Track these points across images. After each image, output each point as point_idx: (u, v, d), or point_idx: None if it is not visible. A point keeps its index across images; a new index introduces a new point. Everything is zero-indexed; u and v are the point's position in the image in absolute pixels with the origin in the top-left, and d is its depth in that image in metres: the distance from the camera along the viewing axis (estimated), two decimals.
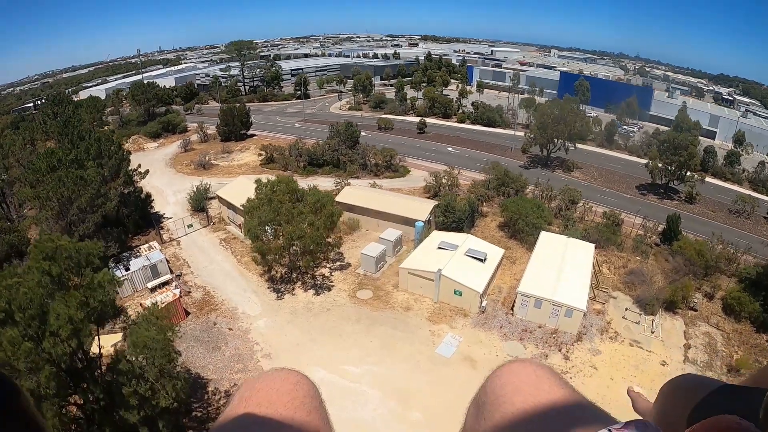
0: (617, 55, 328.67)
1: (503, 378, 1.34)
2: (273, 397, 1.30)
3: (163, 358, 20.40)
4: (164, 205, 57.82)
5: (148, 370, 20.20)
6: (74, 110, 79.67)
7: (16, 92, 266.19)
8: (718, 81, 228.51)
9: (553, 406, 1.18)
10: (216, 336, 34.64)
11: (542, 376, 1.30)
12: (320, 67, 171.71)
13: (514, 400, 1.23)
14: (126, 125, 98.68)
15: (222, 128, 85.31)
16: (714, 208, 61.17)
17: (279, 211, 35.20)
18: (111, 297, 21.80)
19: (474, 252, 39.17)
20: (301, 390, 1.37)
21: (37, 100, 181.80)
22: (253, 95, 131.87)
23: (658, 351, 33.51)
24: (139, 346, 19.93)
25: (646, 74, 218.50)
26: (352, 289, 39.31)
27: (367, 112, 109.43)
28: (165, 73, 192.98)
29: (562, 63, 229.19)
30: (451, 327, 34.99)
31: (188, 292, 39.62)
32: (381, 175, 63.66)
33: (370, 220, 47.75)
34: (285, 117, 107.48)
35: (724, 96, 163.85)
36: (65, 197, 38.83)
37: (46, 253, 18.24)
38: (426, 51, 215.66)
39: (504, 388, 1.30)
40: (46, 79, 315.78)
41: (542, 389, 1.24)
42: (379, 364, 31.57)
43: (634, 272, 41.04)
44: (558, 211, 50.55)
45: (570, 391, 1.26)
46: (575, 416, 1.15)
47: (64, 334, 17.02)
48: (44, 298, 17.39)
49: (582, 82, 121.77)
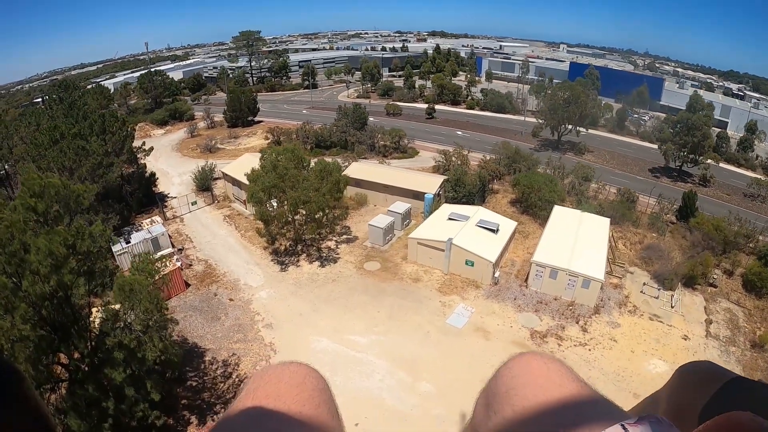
0: (626, 52, 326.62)
1: (514, 371, 1.30)
2: (281, 390, 1.28)
3: (150, 304, 19.14)
4: (169, 186, 56.98)
5: (134, 319, 18.97)
6: (81, 96, 78.89)
7: (25, 89, 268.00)
8: (727, 77, 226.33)
9: (565, 400, 1.15)
10: (216, 306, 33.50)
11: (553, 369, 1.26)
12: (328, 59, 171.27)
13: (526, 393, 1.20)
14: (133, 113, 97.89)
15: (229, 114, 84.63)
16: (728, 191, 59.87)
17: (284, 177, 33.98)
18: (102, 251, 20.70)
19: (486, 222, 37.83)
20: (309, 383, 1.34)
21: (45, 96, 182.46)
22: (260, 85, 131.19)
23: (679, 325, 32.09)
24: (125, 290, 18.67)
25: (655, 69, 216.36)
26: (359, 261, 38.05)
27: (376, 99, 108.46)
28: (173, 68, 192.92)
29: (570, 58, 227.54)
30: (463, 298, 33.67)
31: (189, 264, 38.54)
32: (389, 156, 62.49)
33: (378, 195, 46.49)
34: (292, 105, 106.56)
35: (734, 92, 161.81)
36: (66, 167, 37.89)
37: (34, 190, 17.07)
38: (434, 45, 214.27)
39: (515, 381, 1.26)
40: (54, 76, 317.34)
41: (554, 383, 1.21)
42: (387, 335, 30.33)
43: (650, 248, 39.64)
44: (571, 188, 49.17)
45: (582, 385, 1.21)
46: (588, 411, 1.13)
47: (43, 271, 15.78)
48: (27, 234, 16.19)
49: (592, 70, 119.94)
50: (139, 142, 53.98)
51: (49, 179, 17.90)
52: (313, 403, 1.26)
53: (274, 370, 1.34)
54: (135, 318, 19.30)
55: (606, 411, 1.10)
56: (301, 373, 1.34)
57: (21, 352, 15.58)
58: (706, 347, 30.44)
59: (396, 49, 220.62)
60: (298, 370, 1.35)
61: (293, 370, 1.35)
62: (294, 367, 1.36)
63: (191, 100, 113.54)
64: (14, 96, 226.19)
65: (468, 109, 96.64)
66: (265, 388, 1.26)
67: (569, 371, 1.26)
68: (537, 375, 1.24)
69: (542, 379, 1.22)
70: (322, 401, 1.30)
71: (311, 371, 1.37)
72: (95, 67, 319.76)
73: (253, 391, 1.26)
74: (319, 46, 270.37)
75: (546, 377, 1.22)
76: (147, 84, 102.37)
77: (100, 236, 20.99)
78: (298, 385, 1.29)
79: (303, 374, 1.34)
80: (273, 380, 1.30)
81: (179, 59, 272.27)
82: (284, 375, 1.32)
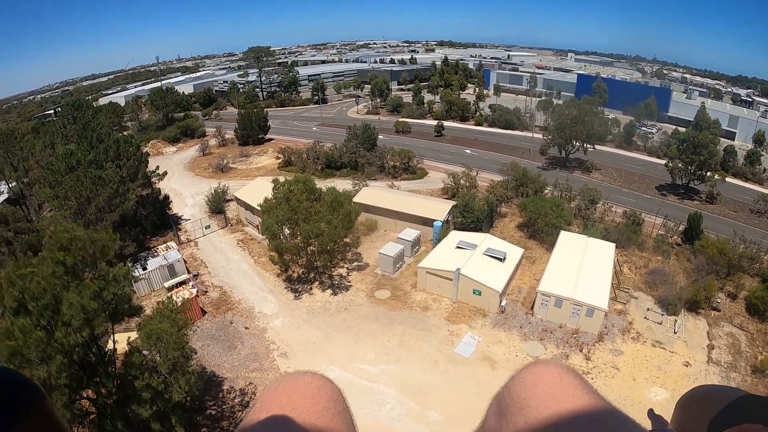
0: (634, 58, 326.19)
1: (527, 380, 1.29)
2: (296, 402, 1.29)
3: (177, 351, 20.29)
4: (182, 207, 58.31)
5: (161, 363, 20.11)
6: (94, 115, 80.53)
7: (37, 99, 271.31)
8: (736, 82, 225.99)
9: (578, 411, 1.15)
10: (232, 335, 34.60)
11: (567, 379, 1.26)
12: (337, 73, 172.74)
13: (538, 404, 1.19)
14: (145, 130, 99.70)
15: (240, 132, 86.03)
16: (735, 208, 60.17)
17: (297, 210, 35.12)
18: (126, 292, 21.86)
19: (493, 251, 38.76)
20: (324, 394, 1.35)
21: (57, 107, 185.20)
22: (270, 100, 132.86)
23: (681, 352, 32.79)
24: (153, 338, 19.84)
25: (663, 76, 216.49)
26: (369, 289, 39.09)
27: (385, 115, 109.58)
28: (184, 80, 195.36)
29: (578, 66, 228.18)
30: (470, 327, 34.59)
31: (205, 291, 39.72)
32: (399, 177, 63.52)
33: (387, 221, 47.54)
34: (302, 121, 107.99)
35: (742, 97, 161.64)
36: (83, 196, 39.12)
37: (61, 244, 18.25)
38: (442, 56, 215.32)
39: (527, 391, 1.25)
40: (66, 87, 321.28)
41: (567, 393, 1.20)
42: (397, 364, 31.27)
43: (655, 272, 40.32)
44: (578, 211, 49.92)
45: (595, 397, 1.21)
46: (601, 423, 1.12)
47: (76, 324, 16.96)
48: (58, 288, 17.36)
49: (599, 83, 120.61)
50: (152, 161, 55.43)
51: (75, 232, 19.03)
52: (328, 414, 1.30)
53: (288, 381, 1.38)
54: (161, 362, 20.39)
55: (620, 423, 1.12)
56: (315, 384, 1.37)
57: (59, 400, 16.73)
58: (707, 373, 31.09)
59: (404, 61, 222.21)
60: (313, 380, 1.39)
61: (307, 381, 1.39)
62: (308, 377, 1.40)
63: (202, 116, 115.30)
64: (26, 107, 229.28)
65: (476, 126, 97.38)
66: (279, 400, 1.30)
67: (583, 382, 1.28)
68: (550, 385, 1.25)
69: (556, 389, 1.23)
70: (337, 412, 1.33)
71: (326, 381, 1.41)
72: (106, 78, 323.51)
73: (269, 403, 1.30)
74: (328, 57, 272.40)
75: (559, 388, 1.24)
76: (159, 101, 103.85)
77: (124, 278, 22.25)
78: (313, 396, 1.32)
79: (318, 385, 1.37)
80: (287, 391, 1.34)
81: (189, 71, 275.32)
82: (299, 386, 1.36)
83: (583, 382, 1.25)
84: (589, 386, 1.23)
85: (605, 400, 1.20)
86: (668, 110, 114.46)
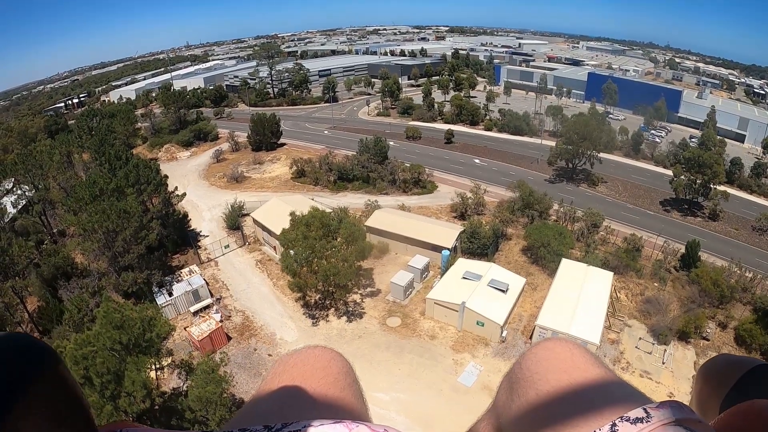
0: (647, 45, 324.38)
1: (538, 355, 1.38)
2: (307, 373, 1.37)
3: (223, 408, 23.08)
4: (200, 221, 60.85)
5: (210, 418, 22.88)
6: (108, 124, 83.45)
7: (46, 90, 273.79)
8: (750, 72, 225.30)
9: (588, 384, 1.21)
10: (257, 362, 37.40)
11: (577, 354, 1.33)
12: (348, 67, 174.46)
13: (549, 377, 1.27)
14: (158, 133, 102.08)
15: (253, 138, 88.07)
16: (737, 225, 61.40)
17: (314, 248, 37.71)
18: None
19: (496, 283, 41.27)
20: (335, 367, 1.44)
21: (67, 99, 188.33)
22: (281, 98, 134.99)
23: (667, 382, 34.85)
24: (202, 401, 22.61)
25: (676, 66, 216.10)
26: (382, 317, 41.73)
27: (396, 118, 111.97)
28: (193, 72, 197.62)
29: (590, 56, 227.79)
30: (473, 356, 37.20)
31: (228, 316, 42.46)
32: (409, 192, 65.94)
33: (398, 244, 50.04)
34: (314, 123, 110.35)
35: (755, 89, 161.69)
36: (110, 230, 41.14)
37: (116, 324, 20.93)
38: (452, 46, 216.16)
39: (538, 366, 1.33)
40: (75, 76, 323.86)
41: (577, 367, 1.27)
42: (406, 392, 33.95)
43: (650, 300, 42.27)
44: (580, 235, 52.09)
45: (605, 371, 1.29)
46: (610, 395, 1.19)
47: (139, 396, 19.75)
48: (117, 363, 20.12)
49: (609, 85, 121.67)
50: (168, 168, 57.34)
51: (126, 311, 21.77)
52: (339, 385, 1.37)
53: (299, 354, 1.46)
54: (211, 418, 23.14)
55: (629, 394, 1.17)
56: (326, 357, 1.44)
57: None
58: None
59: (415, 53, 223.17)
60: (323, 353, 1.46)
61: (318, 354, 1.46)
62: (319, 351, 1.48)
63: (213, 114, 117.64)
64: (37, 99, 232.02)
65: (486, 131, 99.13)
66: (291, 372, 1.37)
67: (593, 356, 1.33)
68: (561, 359, 1.30)
69: (566, 363, 1.28)
70: (347, 384, 1.41)
71: (336, 355, 1.48)
72: (116, 67, 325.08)
73: (280, 375, 1.37)
74: (338, 46, 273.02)
75: (570, 362, 1.29)
76: (170, 104, 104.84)
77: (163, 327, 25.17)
78: (323, 368, 1.39)
79: (328, 358, 1.44)
80: (298, 363, 1.40)
81: (199, 59, 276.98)
82: (309, 358, 1.42)
83: (594, 357, 1.35)
84: (600, 361, 1.33)
85: (615, 373, 1.30)
86: (678, 111, 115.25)
